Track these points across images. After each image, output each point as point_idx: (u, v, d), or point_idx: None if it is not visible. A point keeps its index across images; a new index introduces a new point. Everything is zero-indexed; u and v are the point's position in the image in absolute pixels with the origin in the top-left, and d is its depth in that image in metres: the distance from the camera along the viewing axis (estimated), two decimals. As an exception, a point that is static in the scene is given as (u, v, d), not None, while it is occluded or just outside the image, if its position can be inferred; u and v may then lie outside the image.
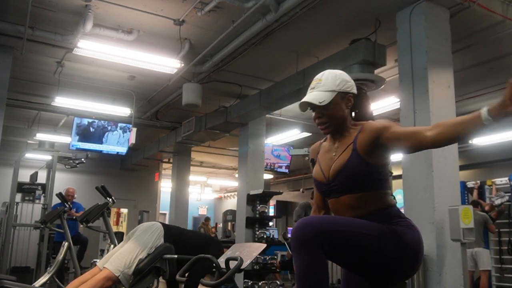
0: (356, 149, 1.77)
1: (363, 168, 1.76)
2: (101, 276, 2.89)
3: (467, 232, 3.96)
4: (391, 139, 1.68)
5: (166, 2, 5.14)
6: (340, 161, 1.81)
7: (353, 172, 1.77)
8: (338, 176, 1.80)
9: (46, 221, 5.25)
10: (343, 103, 1.85)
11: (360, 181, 1.77)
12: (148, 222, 3.31)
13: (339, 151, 1.84)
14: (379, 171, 1.79)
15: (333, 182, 1.83)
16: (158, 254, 3.00)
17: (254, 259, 5.82)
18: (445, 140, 1.53)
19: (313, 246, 1.61)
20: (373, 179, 1.78)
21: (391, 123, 1.73)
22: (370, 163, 1.75)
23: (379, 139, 1.72)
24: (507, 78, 5.87)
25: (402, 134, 1.66)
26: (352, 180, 1.78)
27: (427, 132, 1.56)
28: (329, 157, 1.88)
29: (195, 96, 6.66)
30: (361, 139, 1.77)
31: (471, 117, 1.46)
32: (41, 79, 7.57)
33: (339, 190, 1.81)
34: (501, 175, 8.32)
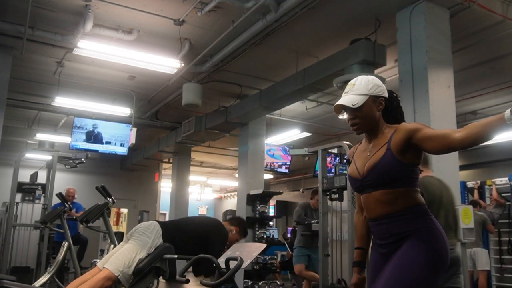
0: (390, 148, 1.89)
1: (396, 166, 1.87)
2: (101, 276, 2.89)
3: (467, 232, 3.96)
4: (423, 139, 1.81)
5: (166, 2, 5.14)
6: (374, 159, 1.94)
7: (386, 169, 1.89)
8: (371, 172, 1.93)
9: (46, 221, 5.25)
10: (374, 106, 1.98)
11: (392, 177, 1.89)
12: (146, 222, 3.31)
13: (374, 150, 1.97)
14: (411, 170, 1.91)
15: (366, 178, 1.95)
16: (158, 254, 3.00)
17: (254, 259, 5.82)
18: (473, 140, 1.66)
19: None
20: (405, 176, 1.90)
21: (423, 125, 1.86)
22: (403, 161, 1.87)
23: (411, 140, 1.84)
24: (507, 78, 5.90)
25: (433, 135, 1.79)
26: (384, 176, 1.90)
27: (456, 134, 1.70)
28: (364, 156, 2.01)
29: (195, 96, 6.66)
30: (395, 139, 1.89)
31: (496, 118, 1.59)
32: (41, 79, 7.57)
33: (372, 186, 1.93)
34: (501, 175, 8.31)
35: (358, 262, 2.20)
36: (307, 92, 6.57)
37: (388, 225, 1.92)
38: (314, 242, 5.60)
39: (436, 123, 4.32)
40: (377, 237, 1.99)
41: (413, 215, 1.90)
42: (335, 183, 4.96)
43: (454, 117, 4.55)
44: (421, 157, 1.93)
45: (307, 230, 5.78)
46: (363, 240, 2.19)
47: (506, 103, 7.98)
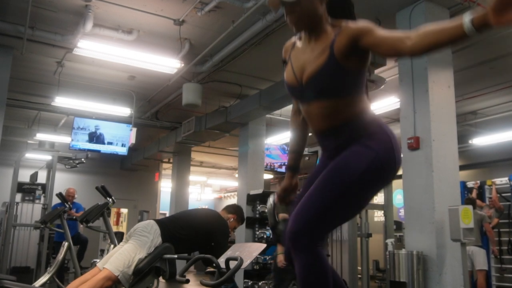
0: (333, 53, 1.62)
1: (339, 74, 1.63)
2: (101, 276, 2.89)
3: (467, 232, 3.96)
4: (370, 43, 1.55)
5: (166, 2, 5.14)
6: (315, 64, 1.66)
7: (329, 77, 1.64)
8: (312, 81, 1.67)
9: (46, 221, 5.25)
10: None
11: (335, 87, 1.66)
12: (144, 222, 3.30)
13: (315, 52, 1.68)
14: (356, 77, 1.67)
15: (306, 87, 1.70)
16: (158, 254, 3.00)
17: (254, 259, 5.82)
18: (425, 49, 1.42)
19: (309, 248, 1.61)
20: (349, 85, 1.67)
21: (371, 26, 1.58)
22: (347, 68, 1.63)
23: (358, 42, 1.58)
24: (507, 78, 5.92)
25: (382, 40, 1.53)
26: (327, 86, 1.66)
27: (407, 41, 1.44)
28: (303, 58, 1.72)
29: (195, 96, 6.66)
30: (339, 43, 1.61)
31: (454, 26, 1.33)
32: (41, 79, 7.57)
33: (312, 95, 1.70)
34: (501, 175, 8.31)
35: (290, 166, 2.00)
36: (307, 92, 6.56)
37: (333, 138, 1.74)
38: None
39: (436, 123, 4.33)
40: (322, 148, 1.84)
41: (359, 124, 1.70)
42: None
43: (454, 117, 4.55)
44: (368, 61, 1.69)
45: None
46: (297, 143, 1.99)
47: (506, 103, 7.99)
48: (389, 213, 6.00)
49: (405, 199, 4.50)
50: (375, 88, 5.34)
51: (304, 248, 1.62)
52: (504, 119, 8.53)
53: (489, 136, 8.94)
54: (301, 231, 1.62)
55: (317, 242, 1.63)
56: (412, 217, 4.37)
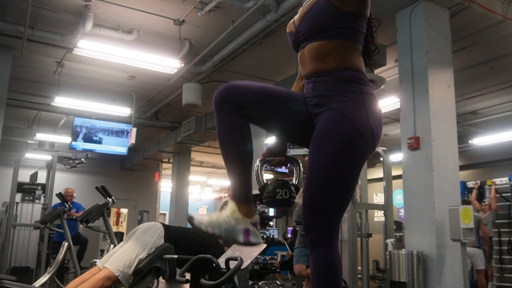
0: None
1: (330, 12, 1.58)
2: (101, 276, 2.89)
3: (467, 232, 3.96)
4: None
5: (166, 2, 5.14)
6: (308, 5, 1.64)
7: (318, 15, 1.59)
8: (303, 20, 1.64)
9: (46, 221, 5.24)
10: None
11: (323, 25, 1.59)
12: (149, 222, 3.31)
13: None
14: (350, 19, 1.60)
15: (299, 29, 1.66)
16: (158, 254, 3.00)
17: (254, 259, 5.82)
18: None
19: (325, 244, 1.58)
20: (340, 26, 1.59)
21: None
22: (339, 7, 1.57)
23: None
24: (507, 78, 5.91)
25: None
26: (315, 24, 1.60)
27: None
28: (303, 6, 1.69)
29: (195, 96, 6.66)
30: None
31: None
32: (41, 79, 7.57)
33: (304, 37, 1.65)
34: (501, 175, 8.31)
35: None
36: (307, 92, 6.56)
37: (313, 84, 1.63)
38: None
39: (436, 123, 4.32)
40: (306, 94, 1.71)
41: (341, 77, 1.59)
42: (335, 183, 4.95)
43: (454, 117, 4.55)
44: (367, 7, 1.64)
45: (307, 230, 5.77)
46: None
47: (506, 103, 7.99)
48: (389, 213, 5.99)
49: (405, 199, 4.50)
50: (375, 88, 5.33)
51: (319, 244, 1.58)
52: (504, 119, 8.53)
53: (489, 136, 8.94)
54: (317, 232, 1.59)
55: (334, 238, 1.60)
56: (412, 217, 4.36)
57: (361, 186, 6.18)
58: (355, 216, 5.57)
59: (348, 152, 1.57)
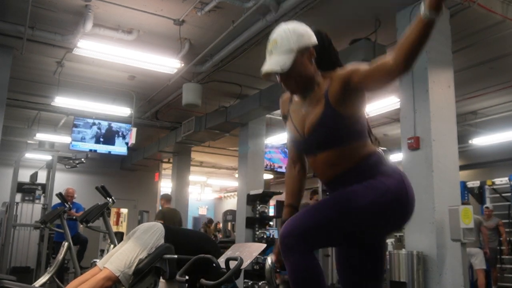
0: (329, 101, 1.67)
1: (339, 121, 1.67)
2: (101, 276, 2.89)
3: (467, 232, 3.96)
4: (361, 79, 1.61)
5: (166, 2, 5.14)
6: (314, 117, 1.71)
7: (329, 127, 1.68)
8: (313, 133, 1.71)
9: (46, 221, 5.24)
10: (305, 59, 1.72)
11: (337, 135, 1.69)
12: (149, 223, 3.31)
13: (312, 105, 1.74)
14: (356, 122, 1.71)
15: (309, 139, 1.74)
16: (158, 254, 3.00)
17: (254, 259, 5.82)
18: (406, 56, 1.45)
19: (300, 251, 1.62)
20: (350, 131, 1.70)
21: (357, 65, 1.65)
22: (345, 115, 1.67)
23: (349, 85, 1.63)
24: (507, 78, 5.90)
25: (368, 71, 1.58)
26: (328, 135, 1.70)
27: (389, 59, 1.49)
28: (302, 112, 1.78)
29: (195, 96, 6.66)
30: (332, 91, 1.67)
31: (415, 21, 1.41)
32: (41, 79, 7.57)
33: (316, 147, 1.74)
34: (501, 175, 8.32)
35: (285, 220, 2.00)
36: (307, 92, 6.56)
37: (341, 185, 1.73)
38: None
39: (436, 123, 4.33)
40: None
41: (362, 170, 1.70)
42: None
43: (454, 117, 4.55)
44: (364, 104, 1.73)
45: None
46: (294, 197, 1.95)
47: (506, 103, 7.99)
48: (389, 213, 6.00)
49: (405, 199, 4.50)
50: (375, 88, 5.33)
51: (294, 250, 1.62)
52: (504, 119, 8.53)
53: (489, 136, 8.94)
54: (292, 233, 1.63)
55: (308, 246, 1.63)
56: (412, 217, 4.35)
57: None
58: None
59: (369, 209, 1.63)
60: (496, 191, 8.16)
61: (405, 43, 1.44)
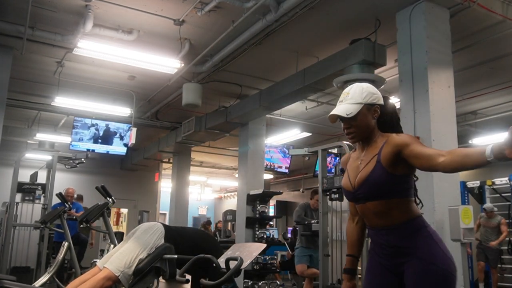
0: (380, 160, 1.89)
1: (386, 178, 1.87)
2: (101, 276, 2.88)
3: (467, 232, 3.96)
4: (410, 156, 1.81)
5: (166, 2, 5.14)
6: (365, 171, 1.93)
7: (376, 183, 1.89)
8: (362, 185, 1.93)
9: (46, 221, 5.25)
10: (369, 114, 1.97)
11: (383, 190, 1.89)
12: (149, 222, 3.31)
13: (365, 160, 1.96)
14: (403, 181, 1.91)
15: (358, 191, 1.95)
16: (158, 254, 3.00)
17: (254, 259, 5.82)
18: (454, 169, 1.69)
19: None
20: (397, 188, 1.89)
21: (412, 140, 1.85)
22: (393, 174, 1.87)
23: (400, 154, 1.84)
24: (507, 78, 5.89)
25: (419, 154, 1.79)
26: (375, 190, 1.90)
27: (440, 158, 1.69)
28: (356, 165, 2.01)
29: (195, 96, 6.66)
30: (384, 152, 1.89)
31: (479, 152, 1.58)
32: (41, 79, 7.57)
33: (364, 198, 1.94)
34: (501, 175, 8.31)
35: (348, 269, 2.17)
36: (307, 92, 6.57)
37: (387, 237, 1.93)
38: (316, 242, 5.61)
39: (436, 123, 4.32)
40: (376, 245, 2.00)
41: (411, 229, 1.90)
42: (335, 183, 4.96)
43: (454, 117, 4.55)
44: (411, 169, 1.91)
45: (307, 230, 5.79)
46: (355, 248, 2.17)
47: (506, 103, 7.99)
48: (389, 213, 6.00)
49: (405, 199, 4.50)
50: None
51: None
52: (504, 119, 8.53)
53: (489, 136, 8.94)
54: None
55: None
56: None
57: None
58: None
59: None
60: (496, 191, 8.15)
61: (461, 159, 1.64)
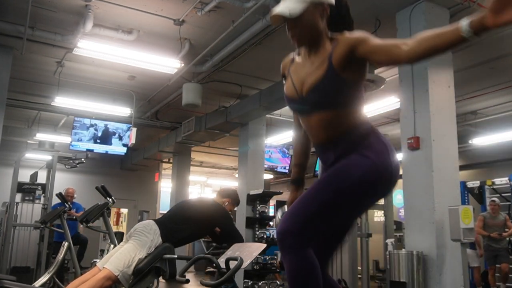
0: (332, 63, 1.65)
1: (339, 84, 1.65)
2: (101, 276, 2.89)
3: (467, 232, 3.96)
4: (367, 52, 1.58)
5: (166, 2, 5.14)
6: (314, 76, 1.69)
7: (328, 89, 1.66)
8: (311, 92, 1.69)
9: (46, 221, 5.25)
10: (317, 14, 1.71)
11: (334, 97, 1.68)
12: (143, 222, 3.30)
13: (314, 65, 1.71)
14: (355, 87, 1.70)
15: (306, 99, 1.72)
16: (158, 254, 3.00)
17: (254, 259, 5.82)
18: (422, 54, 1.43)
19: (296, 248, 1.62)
20: (348, 96, 1.69)
21: (367, 35, 1.61)
22: (346, 78, 1.65)
23: (354, 53, 1.61)
24: (507, 78, 5.90)
25: (378, 47, 1.55)
26: (326, 97, 1.68)
27: (404, 47, 1.46)
28: (303, 72, 1.75)
29: (195, 96, 6.66)
30: (337, 53, 1.64)
31: (451, 30, 1.34)
32: (41, 79, 7.57)
33: (312, 107, 1.72)
34: (501, 175, 8.30)
35: (294, 179, 2.02)
36: (307, 92, 6.56)
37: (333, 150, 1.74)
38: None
39: (436, 123, 4.33)
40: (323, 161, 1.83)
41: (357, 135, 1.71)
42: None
43: (454, 117, 4.55)
44: (365, 73, 1.71)
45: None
46: (300, 157, 2.00)
47: (506, 103, 7.99)
48: (389, 213, 6.00)
49: (405, 199, 4.50)
50: (375, 88, 5.33)
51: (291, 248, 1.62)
52: (504, 119, 8.53)
53: (489, 136, 8.94)
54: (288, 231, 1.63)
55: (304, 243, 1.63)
56: (412, 217, 4.37)
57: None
58: (355, 216, 5.56)
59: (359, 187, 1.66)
60: (496, 191, 8.14)
61: (429, 42, 1.40)
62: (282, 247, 1.64)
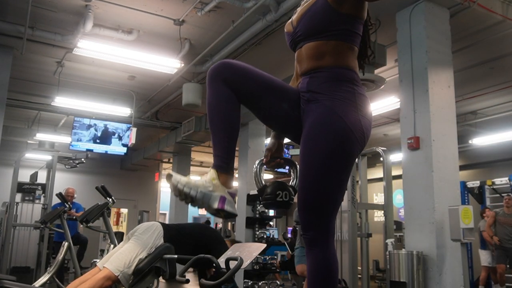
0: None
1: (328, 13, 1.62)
2: (101, 276, 2.89)
3: (467, 232, 3.96)
4: None
5: (166, 2, 5.14)
6: (306, 6, 1.69)
7: (315, 16, 1.63)
8: (301, 21, 1.69)
9: (46, 221, 5.24)
10: None
11: (321, 26, 1.63)
12: (148, 222, 3.31)
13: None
14: (347, 21, 1.64)
15: (297, 29, 1.71)
16: (158, 254, 3.00)
17: (254, 259, 5.82)
18: None
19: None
20: (338, 27, 1.63)
21: None
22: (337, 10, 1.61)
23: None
24: (507, 78, 5.90)
25: None
26: (313, 24, 1.65)
27: None
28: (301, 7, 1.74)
29: (195, 96, 6.66)
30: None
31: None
32: (41, 79, 7.57)
33: (302, 37, 1.69)
34: (501, 175, 8.31)
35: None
36: (307, 92, 6.57)
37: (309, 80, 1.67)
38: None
39: (436, 123, 4.32)
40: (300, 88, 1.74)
41: (335, 75, 1.63)
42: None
43: (454, 117, 4.55)
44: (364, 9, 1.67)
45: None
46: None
47: (506, 103, 7.99)
48: (389, 213, 5.98)
49: (405, 199, 4.50)
50: (375, 88, 5.33)
51: (318, 243, 1.61)
52: (504, 119, 8.53)
53: (489, 136, 8.94)
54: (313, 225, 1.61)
55: (331, 234, 1.62)
56: (412, 217, 4.36)
57: (361, 186, 6.18)
58: (355, 216, 5.57)
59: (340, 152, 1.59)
60: (496, 191, 8.14)
61: None
62: (310, 241, 1.63)
